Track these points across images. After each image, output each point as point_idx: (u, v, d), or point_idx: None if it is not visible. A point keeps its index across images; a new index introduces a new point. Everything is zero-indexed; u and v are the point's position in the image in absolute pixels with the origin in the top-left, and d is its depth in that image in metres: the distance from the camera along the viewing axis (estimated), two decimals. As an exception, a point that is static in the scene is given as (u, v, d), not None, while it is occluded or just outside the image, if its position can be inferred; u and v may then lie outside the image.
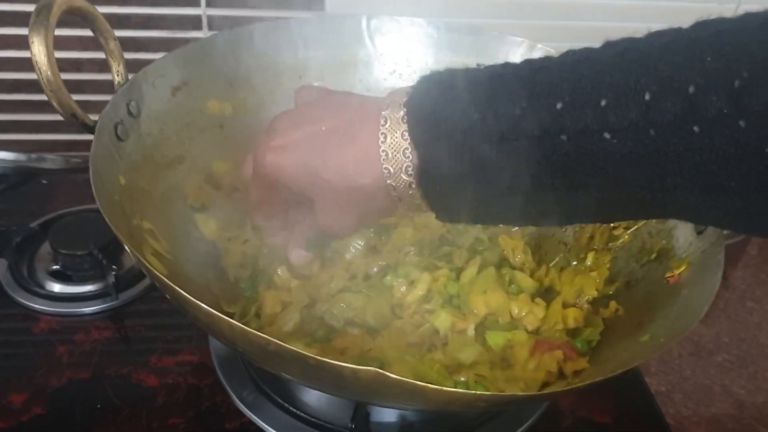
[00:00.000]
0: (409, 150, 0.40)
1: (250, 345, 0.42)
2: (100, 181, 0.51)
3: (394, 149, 0.40)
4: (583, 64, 0.36)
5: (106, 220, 0.47)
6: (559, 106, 0.35)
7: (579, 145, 0.35)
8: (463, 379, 0.51)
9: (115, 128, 0.57)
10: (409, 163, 0.40)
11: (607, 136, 0.34)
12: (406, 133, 0.40)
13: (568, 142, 0.35)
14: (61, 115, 0.55)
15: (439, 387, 0.40)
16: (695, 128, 0.32)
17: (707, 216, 0.36)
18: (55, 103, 0.54)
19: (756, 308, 0.85)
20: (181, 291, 0.43)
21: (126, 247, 0.47)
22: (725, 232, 0.55)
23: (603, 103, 0.34)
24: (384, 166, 0.41)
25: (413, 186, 0.41)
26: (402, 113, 0.40)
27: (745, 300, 0.86)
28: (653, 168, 0.34)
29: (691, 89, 0.31)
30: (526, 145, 0.36)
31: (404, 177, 0.41)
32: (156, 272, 0.45)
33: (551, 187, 0.38)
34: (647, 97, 0.33)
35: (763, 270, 0.91)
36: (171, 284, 0.43)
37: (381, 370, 0.39)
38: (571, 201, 0.39)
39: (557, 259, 0.63)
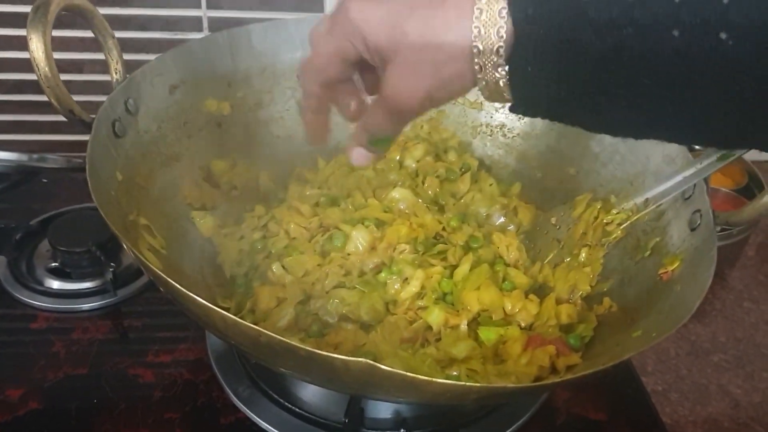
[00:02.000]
0: (504, 26, 0.37)
1: (243, 337, 0.43)
2: (96, 176, 0.52)
3: (488, 25, 0.37)
4: None
5: (102, 214, 0.48)
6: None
7: (692, 40, 0.33)
8: (455, 373, 0.52)
9: (113, 125, 0.58)
10: (503, 26, 0.37)
11: (723, 36, 0.32)
12: (504, 11, 0.37)
13: (680, 38, 0.33)
14: (59, 111, 0.55)
15: (430, 378, 0.40)
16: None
17: None
18: (53, 100, 0.55)
19: (753, 308, 0.85)
20: (175, 284, 0.43)
21: (121, 241, 0.48)
22: (719, 230, 0.55)
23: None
24: (474, 25, 0.38)
25: (501, 54, 0.38)
26: None
27: (742, 300, 0.86)
28: None
29: None
30: (632, 35, 0.34)
31: (494, 38, 0.37)
32: (151, 266, 0.46)
33: (642, 87, 0.35)
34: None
35: (761, 270, 0.91)
36: (165, 277, 0.44)
37: (372, 362, 0.39)
38: (659, 108, 0.36)
39: (551, 256, 0.63)
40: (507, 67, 0.38)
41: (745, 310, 0.85)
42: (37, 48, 0.53)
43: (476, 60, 0.39)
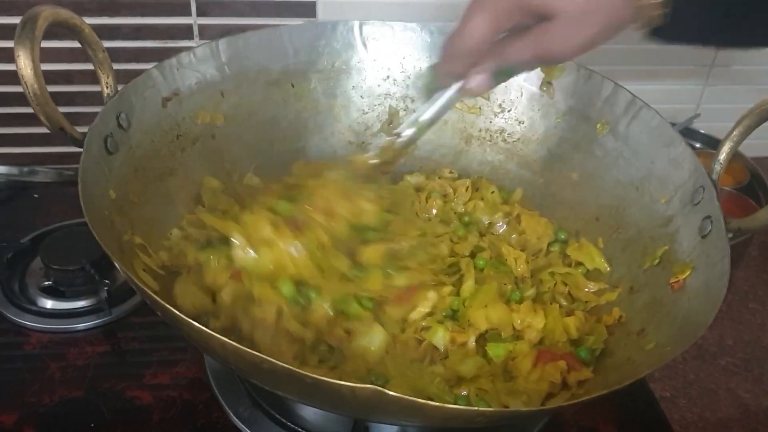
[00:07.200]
0: None
1: (243, 362, 0.41)
2: (89, 196, 0.50)
3: None
4: None
5: (96, 237, 0.46)
6: None
7: None
8: (464, 393, 0.50)
9: (105, 141, 0.56)
10: None
11: None
12: None
13: None
14: (49, 129, 0.54)
15: (439, 404, 0.39)
16: None
17: None
18: (42, 117, 0.53)
19: (759, 309, 0.84)
20: (171, 308, 0.42)
21: (116, 264, 0.46)
22: (729, 234, 0.54)
23: None
24: None
25: None
26: None
27: (747, 301, 0.85)
28: None
29: None
30: None
31: None
32: (146, 289, 0.44)
33: None
34: None
35: (765, 270, 0.90)
36: (161, 301, 0.42)
37: (379, 388, 0.38)
38: None
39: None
40: None
41: (751, 311, 0.84)
42: (25, 65, 0.51)
43: None
